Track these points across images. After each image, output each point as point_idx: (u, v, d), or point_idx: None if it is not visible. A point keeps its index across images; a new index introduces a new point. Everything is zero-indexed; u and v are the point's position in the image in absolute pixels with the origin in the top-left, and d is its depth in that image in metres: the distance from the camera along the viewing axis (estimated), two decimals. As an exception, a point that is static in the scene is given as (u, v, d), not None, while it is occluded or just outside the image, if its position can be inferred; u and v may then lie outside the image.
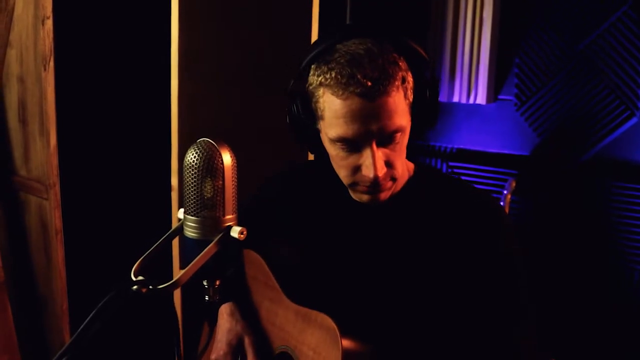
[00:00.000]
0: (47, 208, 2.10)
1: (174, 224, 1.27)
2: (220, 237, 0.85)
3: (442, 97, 2.57)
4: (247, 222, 1.48)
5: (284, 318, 1.33)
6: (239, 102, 2.18)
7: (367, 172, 1.12)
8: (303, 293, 1.32)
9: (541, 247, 2.41)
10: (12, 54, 2.16)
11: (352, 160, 1.14)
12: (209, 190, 0.85)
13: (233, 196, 0.88)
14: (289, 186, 1.43)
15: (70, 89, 2.10)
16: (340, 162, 1.17)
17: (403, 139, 1.15)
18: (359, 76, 1.04)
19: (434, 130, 2.66)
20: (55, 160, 2.05)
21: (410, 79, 1.12)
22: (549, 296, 2.33)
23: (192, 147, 0.86)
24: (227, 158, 0.86)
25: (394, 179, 1.18)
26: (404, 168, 1.25)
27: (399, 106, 1.09)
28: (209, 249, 0.84)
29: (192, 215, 0.86)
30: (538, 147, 2.44)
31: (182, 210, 0.90)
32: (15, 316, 2.16)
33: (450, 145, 2.63)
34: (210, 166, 0.85)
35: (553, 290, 2.35)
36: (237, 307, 1.40)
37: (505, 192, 2.41)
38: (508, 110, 2.50)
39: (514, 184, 2.41)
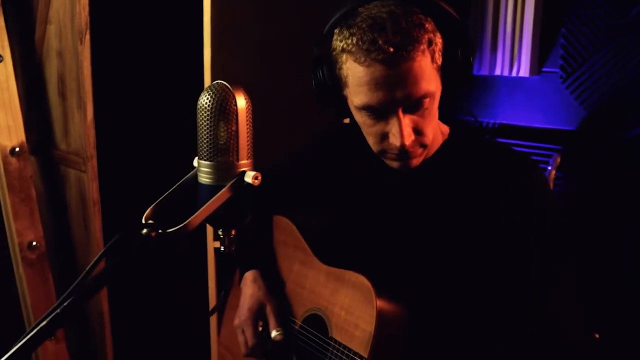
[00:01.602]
0: (85, 180, 2.13)
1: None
2: (234, 182, 0.83)
3: (484, 70, 2.48)
4: (280, 187, 1.48)
5: (315, 280, 1.31)
6: (271, 77, 2.15)
7: (394, 140, 1.08)
8: (336, 257, 1.30)
9: (586, 225, 2.31)
10: (51, 30, 2.20)
11: (379, 127, 1.10)
12: (223, 134, 0.83)
13: (248, 141, 0.85)
14: (322, 151, 1.40)
15: (106, 63, 2.12)
16: (367, 130, 1.14)
17: (432, 105, 1.10)
18: (380, 42, 0.99)
19: (475, 105, 2.59)
20: (92, 133, 2.08)
21: (438, 40, 1.07)
22: (594, 275, 2.23)
23: (205, 90, 0.84)
24: (241, 101, 0.84)
25: (423, 146, 1.13)
26: (436, 133, 1.21)
27: (426, 71, 1.04)
28: (222, 193, 0.82)
29: (205, 160, 0.84)
30: (585, 121, 2.33)
31: (197, 158, 0.88)
32: (56, 287, 2.20)
33: (492, 121, 2.55)
34: (223, 109, 0.82)
35: (598, 268, 2.25)
36: (261, 273, 1.39)
37: (549, 168, 2.32)
38: (553, 83, 2.39)
39: (558, 160, 2.31)
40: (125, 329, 2.31)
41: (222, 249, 0.89)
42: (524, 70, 2.38)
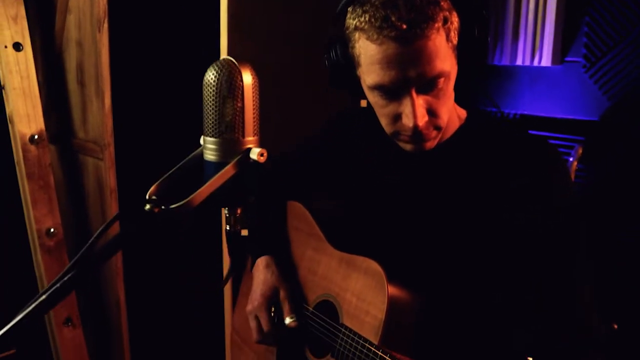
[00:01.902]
0: (103, 168, 2.14)
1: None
2: (239, 158, 0.82)
3: (505, 60, 2.44)
4: (294, 172, 1.47)
5: (327, 266, 1.29)
6: (288, 62, 2.14)
7: (407, 121, 1.05)
8: (349, 242, 1.29)
9: (608, 217, 2.25)
10: (71, 19, 2.21)
11: (392, 108, 1.08)
12: (229, 111, 0.82)
13: (254, 118, 0.84)
14: (336, 135, 1.39)
15: (125, 51, 2.13)
16: (380, 110, 1.11)
17: (447, 85, 1.07)
18: (393, 18, 0.97)
19: (496, 96, 2.54)
20: (109, 121, 2.09)
21: (454, 19, 1.04)
22: (614, 268, 2.18)
23: (211, 66, 0.83)
24: (247, 77, 0.82)
25: (438, 128, 1.10)
26: (452, 115, 1.18)
27: (440, 50, 1.01)
28: (227, 170, 0.81)
29: (211, 137, 0.83)
30: (608, 111, 2.28)
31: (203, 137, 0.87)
32: (74, 274, 2.22)
33: (513, 111, 2.50)
34: (229, 85, 0.81)
35: (618, 260, 2.20)
36: (274, 259, 1.38)
37: (571, 159, 2.27)
38: (576, 73, 2.34)
39: (580, 151, 2.26)
40: (141, 316, 2.33)
41: (228, 229, 0.88)
42: (546, 60, 2.33)
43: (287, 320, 1.28)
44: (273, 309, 1.34)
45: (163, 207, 0.77)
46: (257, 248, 1.41)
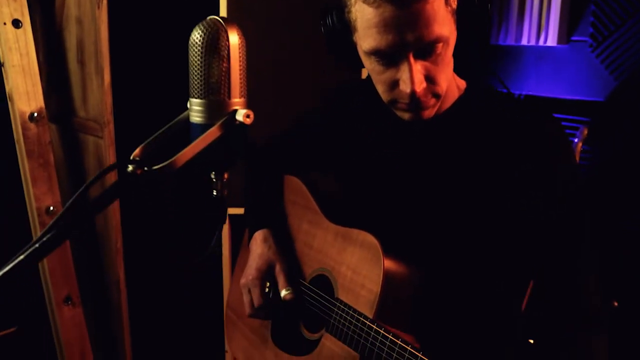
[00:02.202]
0: (102, 147, 2.13)
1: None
2: (225, 120, 0.80)
3: (510, 40, 2.40)
4: (292, 146, 1.45)
5: (323, 239, 1.27)
6: (287, 54, 2.10)
7: (404, 87, 1.02)
8: (346, 215, 1.27)
9: (614, 198, 2.22)
10: (71, -4, 2.19)
11: (389, 74, 1.05)
12: (215, 71, 0.80)
13: (241, 79, 0.82)
14: (334, 107, 1.37)
15: (124, 28, 2.11)
16: (377, 77, 1.09)
17: (446, 51, 1.04)
18: None
19: (501, 76, 2.50)
20: (109, 99, 2.08)
21: None
22: (618, 249, 2.15)
23: (197, 25, 0.81)
24: (234, 37, 0.80)
25: (436, 96, 1.07)
26: (451, 85, 1.15)
27: (439, 13, 0.98)
28: (212, 131, 0.79)
29: (196, 99, 0.81)
30: (615, 91, 2.24)
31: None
32: (77, 252, 2.22)
33: (518, 92, 2.47)
34: (215, 45, 0.80)
35: (622, 241, 2.17)
36: (271, 232, 1.36)
37: (576, 140, 2.23)
38: (582, 52, 2.30)
39: (586, 132, 2.22)
40: (141, 296, 2.33)
41: (214, 194, 0.86)
42: (552, 39, 2.29)
43: (283, 293, 1.26)
44: (268, 284, 1.32)
45: (146, 168, 0.75)
46: (255, 221, 1.39)
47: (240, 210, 1.77)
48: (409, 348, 0.99)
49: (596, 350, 1.07)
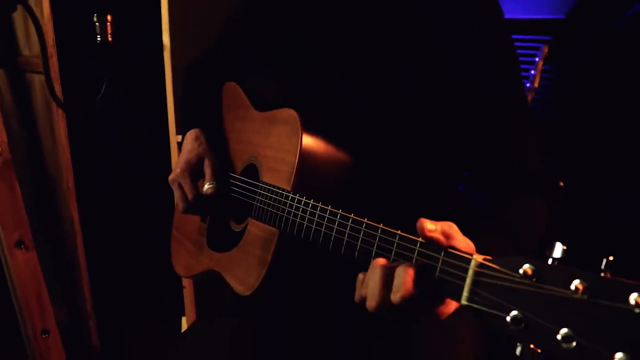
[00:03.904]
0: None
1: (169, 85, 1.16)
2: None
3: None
4: (228, 49, 1.39)
5: (252, 131, 1.22)
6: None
7: None
8: (275, 100, 1.21)
9: (576, 118, 2.17)
10: None
11: None
12: None
13: None
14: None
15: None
16: None
17: None
18: None
19: None
20: (50, 30, 1.99)
21: None
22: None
23: None
24: None
25: None
26: None
27: None
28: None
29: None
30: (576, 7, 2.18)
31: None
32: (28, 195, 2.15)
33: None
34: None
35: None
36: (203, 132, 1.30)
37: (537, 59, 2.17)
38: (541, -31, 2.24)
39: (546, 50, 2.16)
40: (96, 234, 2.27)
41: (98, 39, 0.79)
42: (510, -43, 2.22)
43: (205, 187, 1.21)
44: (201, 180, 1.27)
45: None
46: (186, 123, 1.34)
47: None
48: (329, 208, 0.92)
49: (537, 212, 1.02)
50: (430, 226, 0.73)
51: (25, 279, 2.12)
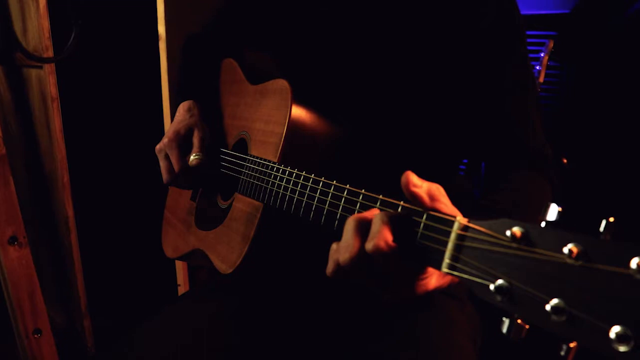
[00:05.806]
0: (43, 76, 2.03)
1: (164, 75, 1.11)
2: None
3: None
4: (228, 25, 1.36)
5: (244, 105, 1.18)
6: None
7: None
8: (271, 73, 1.17)
9: (582, 112, 2.12)
10: None
11: None
12: None
13: None
14: None
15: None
16: None
17: None
18: None
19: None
20: (46, 23, 1.97)
21: None
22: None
23: None
24: None
25: None
26: None
27: None
28: None
29: None
30: (581, 2, 2.13)
31: None
32: (22, 191, 2.12)
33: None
34: None
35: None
36: (197, 103, 1.26)
37: (542, 54, 2.13)
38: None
39: (551, 45, 2.12)
40: (91, 232, 2.23)
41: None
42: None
43: (190, 158, 1.15)
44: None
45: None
46: (181, 94, 1.30)
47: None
48: (312, 177, 0.86)
49: (535, 189, 0.97)
50: (416, 181, 0.66)
51: (18, 277, 2.08)
